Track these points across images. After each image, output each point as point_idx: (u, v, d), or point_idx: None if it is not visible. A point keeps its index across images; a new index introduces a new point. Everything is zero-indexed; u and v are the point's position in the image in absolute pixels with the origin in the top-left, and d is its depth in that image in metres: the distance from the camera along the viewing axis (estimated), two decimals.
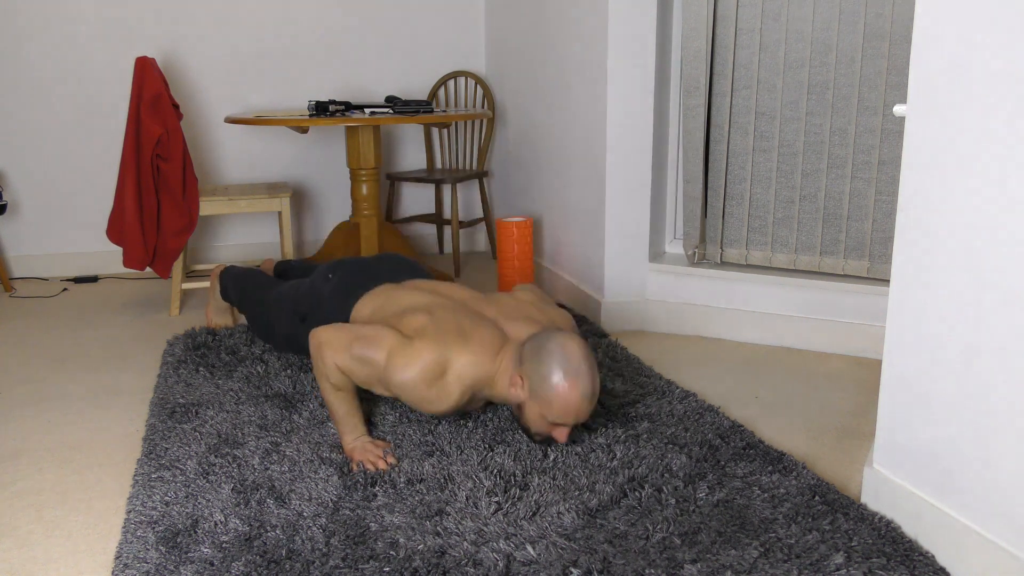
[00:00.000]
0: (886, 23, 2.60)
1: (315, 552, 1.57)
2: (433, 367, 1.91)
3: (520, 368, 1.89)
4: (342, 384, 1.98)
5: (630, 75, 2.87)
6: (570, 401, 1.83)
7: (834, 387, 2.48)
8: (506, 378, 1.92)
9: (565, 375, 1.82)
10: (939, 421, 1.56)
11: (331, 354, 1.96)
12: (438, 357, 1.91)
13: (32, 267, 3.91)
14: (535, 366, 1.85)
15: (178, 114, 3.17)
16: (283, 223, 3.35)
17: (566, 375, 1.82)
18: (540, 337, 1.90)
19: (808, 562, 1.51)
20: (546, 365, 1.83)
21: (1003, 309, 1.40)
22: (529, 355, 1.88)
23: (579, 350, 1.85)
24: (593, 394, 1.86)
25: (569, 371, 1.83)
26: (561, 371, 1.82)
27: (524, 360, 1.89)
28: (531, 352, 1.88)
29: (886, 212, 2.71)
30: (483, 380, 1.95)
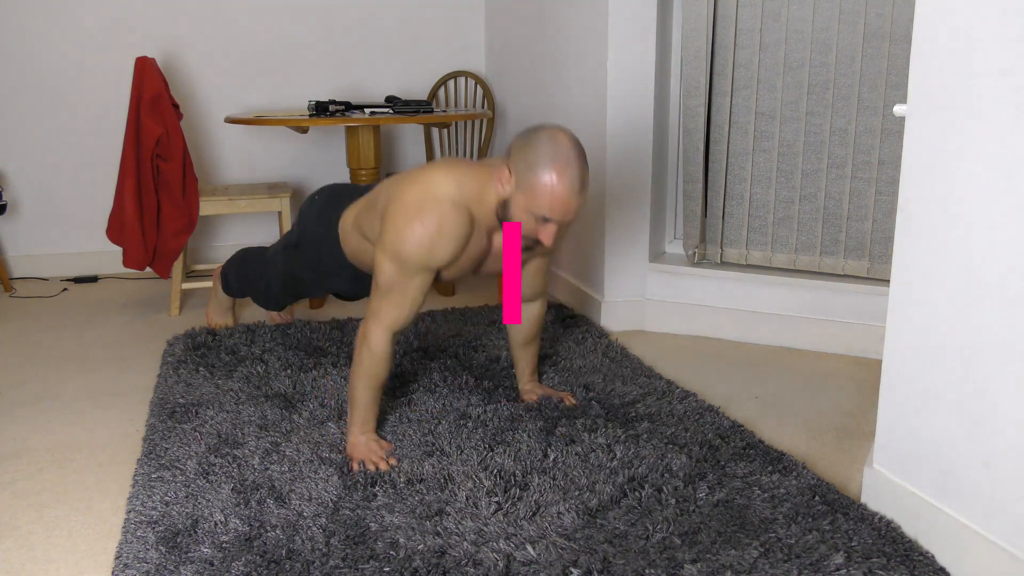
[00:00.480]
0: (886, 23, 2.60)
1: (315, 552, 1.57)
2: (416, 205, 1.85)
3: (507, 160, 1.82)
4: (376, 373, 1.94)
5: (630, 75, 2.87)
6: (558, 191, 1.76)
7: (834, 387, 2.48)
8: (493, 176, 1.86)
9: (553, 163, 1.75)
10: (939, 421, 1.56)
11: (373, 325, 1.92)
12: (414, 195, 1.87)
13: (32, 267, 3.91)
14: (522, 155, 1.78)
15: (178, 114, 3.17)
16: (283, 223, 3.35)
17: (554, 164, 1.75)
18: (529, 129, 1.83)
19: (808, 562, 1.51)
20: (534, 154, 1.76)
21: (1003, 309, 1.40)
22: (517, 146, 1.81)
23: (568, 141, 1.78)
24: (582, 186, 1.79)
25: (558, 160, 1.75)
26: (550, 160, 1.75)
27: (511, 151, 1.82)
28: (519, 143, 1.81)
29: (886, 212, 2.71)
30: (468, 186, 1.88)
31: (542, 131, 1.80)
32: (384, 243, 1.90)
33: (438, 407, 2.23)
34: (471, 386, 2.36)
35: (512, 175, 1.81)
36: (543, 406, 2.20)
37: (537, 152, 1.77)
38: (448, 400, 2.27)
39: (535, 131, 1.82)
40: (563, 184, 1.76)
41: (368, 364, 1.93)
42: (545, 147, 1.77)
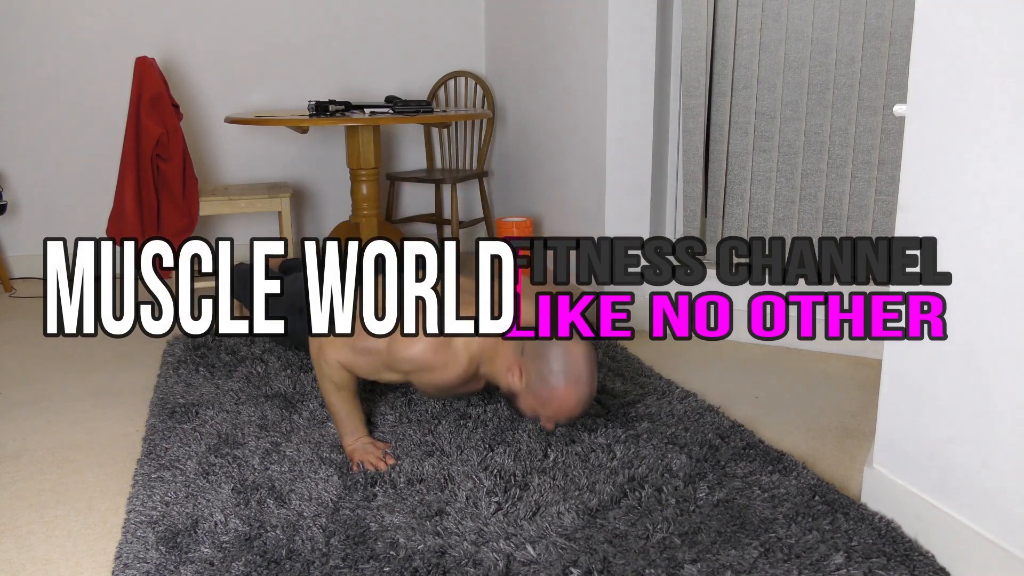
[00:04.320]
0: (886, 23, 2.60)
1: (315, 552, 1.57)
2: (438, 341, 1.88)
3: (521, 359, 1.86)
4: (344, 384, 1.97)
5: (630, 75, 2.87)
6: (565, 406, 1.82)
7: (834, 387, 2.48)
8: (505, 360, 1.89)
9: (566, 380, 1.80)
10: (939, 421, 1.56)
11: (332, 352, 1.95)
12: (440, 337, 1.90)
13: (32, 267, 3.91)
14: (536, 363, 1.83)
15: (178, 114, 3.17)
16: (283, 223, 3.35)
17: (566, 380, 1.80)
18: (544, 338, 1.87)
19: (808, 562, 1.51)
20: (547, 366, 1.81)
21: (1003, 309, 1.40)
22: (531, 348, 1.85)
23: (583, 356, 1.83)
24: (590, 400, 1.85)
25: (570, 377, 1.80)
26: (562, 375, 1.80)
27: (526, 351, 1.85)
28: (534, 346, 1.85)
29: (886, 212, 2.70)
30: (488, 350, 1.91)
31: (557, 344, 1.83)
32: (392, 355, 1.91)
33: (438, 407, 2.23)
34: None
35: (524, 376, 1.84)
36: None
37: (551, 367, 1.80)
38: (448, 400, 2.27)
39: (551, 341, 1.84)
40: (571, 400, 1.82)
41: (332, 375, 1.96)
42: (559, 362, 1.80)
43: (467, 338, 1.90)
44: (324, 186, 4.22)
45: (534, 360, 1.83)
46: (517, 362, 1.86)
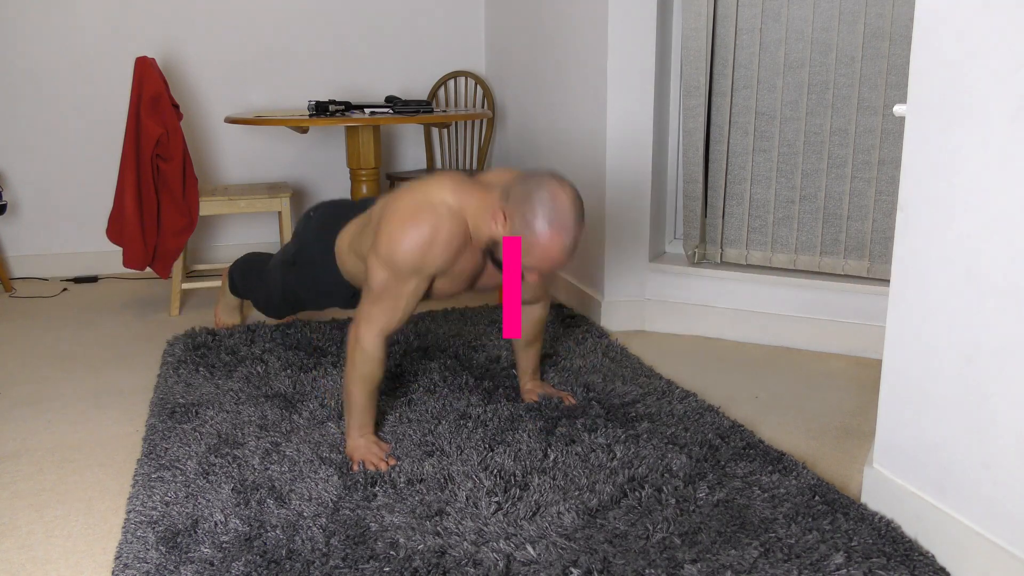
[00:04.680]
0: (886, 23, 2.60)
1: (315, 552, 1.57)
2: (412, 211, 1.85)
3: (505, 204, 1.80)
4: (371, 376, 1.93)
5: (630, 75, 2.87)
6: (550, 251, 1.76)
7: (834, 387, 2.48)
8: (489, 207, 1.84)
9: (551, 225, 1.74)
10: (939, 421, 1.56)
11: (365, 328, 1.91)
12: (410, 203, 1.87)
13: (32, 267, 3.91)
14: (521, 208, 1.76)
15: (178, 114, 3.17)
16: (283, 223, 3.35)
17: (551, 225, 1.74)
18: (533, 179, 1.79)
19: (808, 562, 1.51)
20: (532, 210, 1.75)
21: (1002, 309, 1.40)
22: (517, 195, 1.78)
23: (569, 201, 1.77)
24: (575, 247, 1.79)
25: (555, 222, 1.74)
26: (547, 220, 1.74)
27: (511, 197, 1.79)
28: (520, 193, 1.78)
29: (886, 212, 2.71)
30: (467, 201, 1.87)
31: (544, 186, 1.77)
32: (378, 247, 1.89)
33: (438, 407, 2.23)
34: (471, 386, 2.36)
35: (508, 221, 1.79)
36: (543, 406, 2.20)
37: (535, 209, 1.75)
38: (448, 400, 2.27)
39: (537, 183, 1.78)
40: (556, 246, 1.76)
41: (362, 367, 1.93)
42: (544, 206, 1.75)
43: (440, 196, 1.86)
44: (324, 186, 4.22)
45: (519, 204, 1.77)
46: (501, 207, 1.81)
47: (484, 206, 1.86)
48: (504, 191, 1.83)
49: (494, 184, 1.93)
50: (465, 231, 1.89)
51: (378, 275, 1.90)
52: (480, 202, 1.87)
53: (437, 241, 1.85)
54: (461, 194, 1.88)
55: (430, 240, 1.85)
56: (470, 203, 1.88)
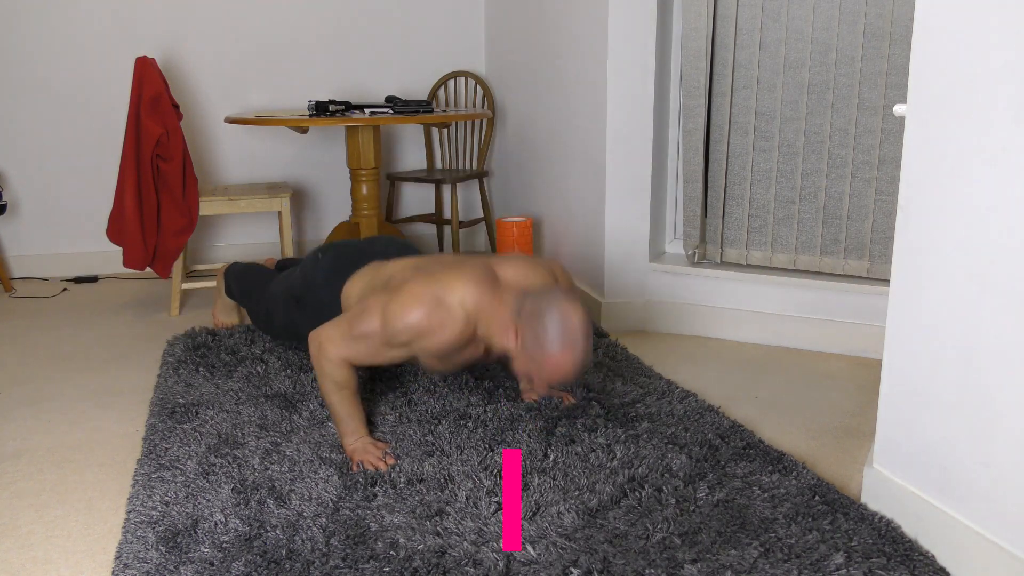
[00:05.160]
0: (886, 23, 2.60)
1: (315, 552, 1.57)
2: (431, 296, 1.89)
3: (518, 320, 1.85)
4: (345, 383, 1.96)
5: (630, 75, 2.87)
6: (560, 369, 1.82)
7: (834, 387, 2.48)
8: (502, 321, 1.89)
9: (561, 344, 1.80)
10: (939, 421, 1.56)
11: (333, 348, 1.94)
12: (433, 286, 1.90)
13: (32, 267, 3.91)
14: (533, 325, 1.82)
15: (178, 114, 3.17)
16: (283, 223, 3.35)
17: (562, 344, 1.80)
18: (544, 297, 1.85)
19: (808, 562, 1.51)
20: (543, 329, 1.81)
21: (1003, 309, 1.40)
22: (529, 312, 1.84)
23: (579, 321, 1.83)
24: (584, 365, 1.85)
25: (566, 342, 1.80)
26: (558, 339, 1.80)
27: (523, 314, 1.85)
28: (531, 310, 1.84)
29: (886, 212, 2.71)
30: (484, 309, 1.91)
31: (555, 307, 1.82)
32: (384, 305, 1.92)
33: (438, 407, 2.23)
34: (471, 386, 2.36)
35: (519, 339, 1.85)
36: (543, 406, 2.20)
37: (547, 331, 1.81)
38: (448, 400, 2.27)
39: (549, 304, 1.83)
40: (566, 364, 1.83)
41: (332, 374, 1.95)
42: (556, 326, 1.81)
43: (460, 296, 1.89)
44: (324, 186, 4.22)
45: (530, 322, 1.83)
46: (513, 323, 1.86)
47: (498, 316, 1.90)
48: (517, 305, 1.88)
49: (511, 286, 1.97)
50: (471, 335, 1.94)
51: (371, 324, 1.92)
52: (495, 310, 1.91)
53: (437, 337, 1.90)
54: (480, 296, 1.92)
55: (430, 332, 1.89)
56: (486, 309, 1.92)
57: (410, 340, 1.91)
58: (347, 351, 1.95)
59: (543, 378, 1.85)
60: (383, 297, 1.94)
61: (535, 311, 1.83)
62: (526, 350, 1.84)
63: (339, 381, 1.96)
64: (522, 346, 1.85)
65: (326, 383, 1.97)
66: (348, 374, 1.97)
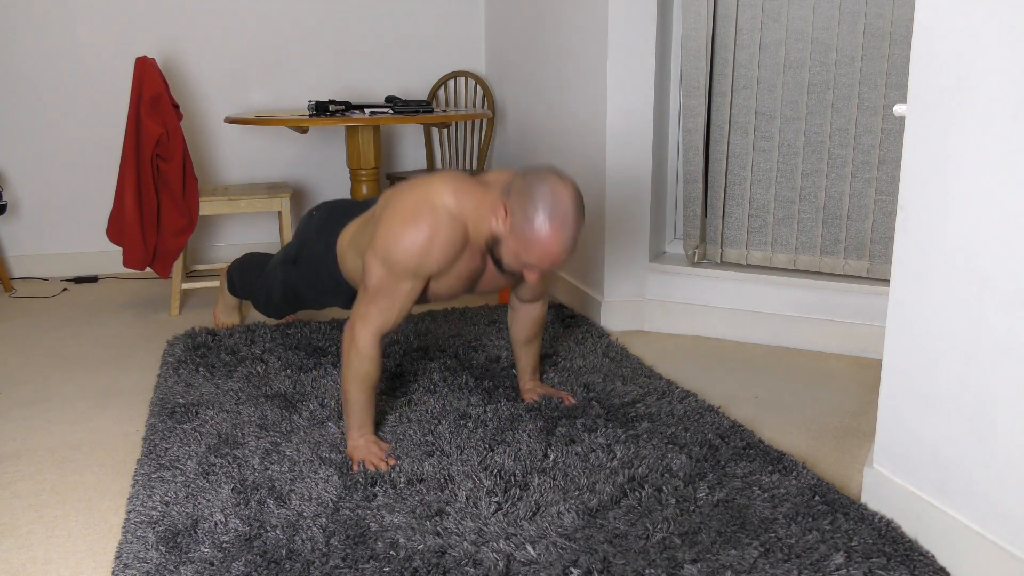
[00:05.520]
0: (886, 23, 2.60)
1: (315, 552, 1.57)
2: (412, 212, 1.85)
3: (506, 199, 1.80)
4: (367, 375, 1.93)
5: (630, 75, 2.87)
6: (549, 249, 1.76)
7: (834, 387, 2.48)
8: (491, 202, 1.84)
9: (551, 221, 1.74)
10: (939, 421, 1.56)
11: (362, 327, 1.91)
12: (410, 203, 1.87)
13: (32, 267, 3.91)
14: (522, 203, 1.76)
15: (178, 114, 3.17)
16: (283, 223, 3.35)
17: (551, 221, 1.74)
18: (534, 175, 1.79)
19: (808, 562, 1.51)
20: (533, 206, 1.75)
21: (1003, 309, 1.40)
22: (518, 190, 1.78)
23: (570, 198, 1.76)
24: (574, 245, 1.79)
25: (556, 218, 1.74)
26: (547, 216, 1.74)
27: (512, 192, 1.79)
28: (521, 188, 1.78)
29: (886, 212, 2.71)
30: (468, 204, 1.86)
31: (545, 181, 1.77)
32: (375, 246, 1.89)
33: (438, 407, 2.23)
34: (471, 386, 2.36)
35: (508, 217, 1.79)
36: (543, 406, 2.20)
37: (536, 205, 1.75)
38: (448, 400, 2.27)
39: (538, 179, 1.78)
40: (556, 242, 1.76)
41: (358, 366, 1.93)
42: (545, 201, 1.75)
43: (441, 200, 1.86)
44: (324, 186, 4.22)
45: (519, 199, 1.77)
46: (502, 202, 1.81)
47: (485, 203, 1.86)
48: (505, 187, 1.83)
49: (494, 183, 1.93)
50: (464, 234, 1.89)
51: (375, 274, 1.90)
52: (480, 201, 1.87)
53: (435, 244, 1.85)
54: (461, 195, 1.88)
55: (427, 242, 1.85)
56: (470, 204, 1.88)
57: (413, 263, 1.86)
58: (374, 318, 1.91)
59: (531, 260, 1.79)
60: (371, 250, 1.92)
61: (525, 187, 1.77)
62: (514, 230, 1.77)
63: (362, 373, 1.93)
64: (511, 225, 1.78)
65: (348, 373, 1.94)
66: (373, 367, 1.94)
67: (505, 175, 1.99)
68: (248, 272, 2.74)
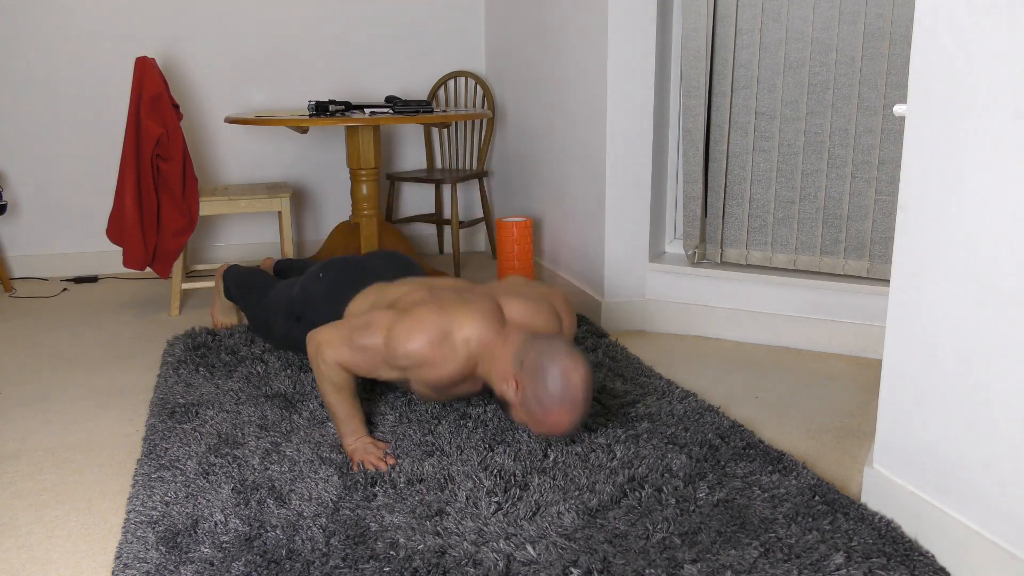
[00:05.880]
0: (886, 23, 2.60)
1: (315, 552, 1.57)
2: (437, 329, 1.88)
3: (519, 372, 1.84)
4: (343, 384, 1.97)
5: (630, 75, 2.87)
6: (558, 426, 1.82)
7: (834, 387, 2.48)
8: (503, 366, 1.88)
9: (560, 404, 1.79)
10: (939, 421, 1.56)
11: (331, 352, 1.95)
12: (442, 319, 1.90)
13: (32, 267, 3.91)
14: (534, 380, 1.81)
15: (178, 114, 3.17)
16: (283, 223, 3.35)
17: (562, 403, 1.79)
18: (547, 352, 1.83)
19: (808, 562, 1.51)
20: (544, 387, 1.80)
21: (1003, 309, 1.40)
22: (531, 365, 1.82)
23: (580, 380, 1.81)
24: (581, 423, 1.85)
25: (566, 400, 1.79)
26: (558, 398, 1.79)
27: (525, 366, 1.83)
28: (533, 363, 1.82)
29: (886, 212, 2.71)
30: (487, 348, 1.90)
31: (557, 364, 1.80)
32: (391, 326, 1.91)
33: (438, 407, 2.23)
34: None
35: (520, 391, 1.84)
36: None
37: (548, 389, 1.79)
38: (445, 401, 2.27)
39: (552, 360, 1.81)
40: (565, 423, 1.82)
41: (330, 375, 1.96)
42: (557, 384, 1.79)
43: (466, 335, 1.90)
44: (324, 186, 4.22)
45: (531, 377, 1.82)
46: (515, 374, 1.85)
47: (500, 359, 1.89)
48: (519, 354, 1.86)
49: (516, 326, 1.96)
50: (471, 372, 1.95)
51: (373, 339, 1.93)
52: (498, 352, 1.90)
53: (437, 368, 1.90)
54: (485, 337, 1.91)
55: (431, 363, 1.89)
56: (489, 350, 1.91)
57: (409, 366, 1.91)
58: (345, 357, 1.95)
59: (539, 431, 1.86)
60: (390, 316, 1.94)
61: (537, 367, 1.81)
62: (525, 404, 1.83)
63: (337, 383, 1.97)
64: (523, 401, 1.84)
65: (324, 384, 1.97)
66: (346, 376, 1.97)
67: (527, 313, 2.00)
68: (246, 292, 2.72)
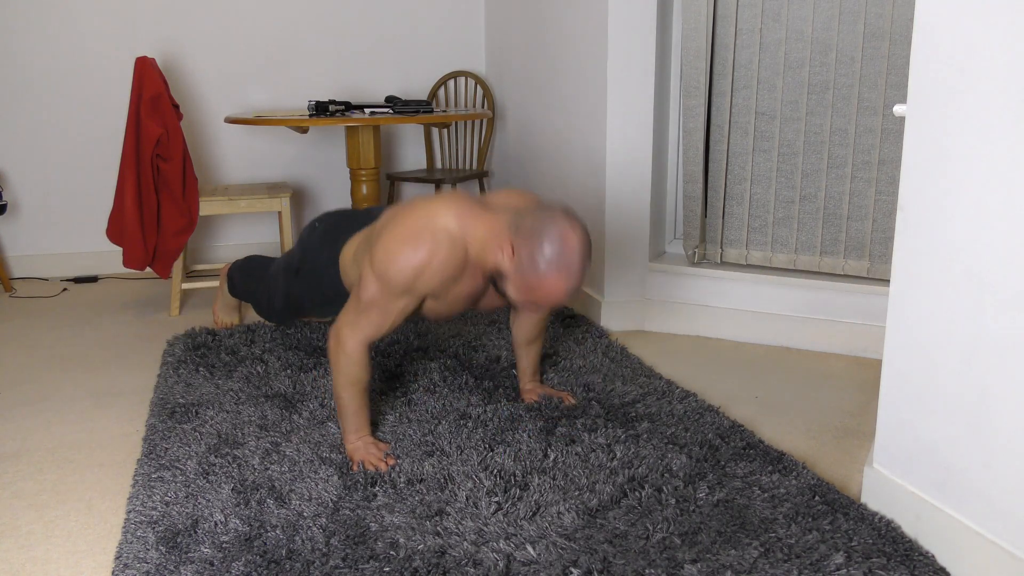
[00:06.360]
0: (886, 23, 2.60)
1: (315, 552, 1.57)
2: (412, 231, 1.84)
3: (515, 236, 1.78)
4: (357, 378, 1.94)
5: (630, 75, 2.87)
6: (553, 294, 1.76)
7: (834, 387, 2.48)
8: (496, 236, 1.82)
9: (557, 268, 1.73)
10: (939, 421, 1.56)
11: (349, 334, 1.91)
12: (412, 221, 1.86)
13: (32, 267, 3.91)
14: (529, 246, 1.75)
15: (178, 114, 3.17)
16: (283, 223, 3.35)
17: (557, 268, 1.73)
18: (546, 216, 1.77)
19: (808, 562, 1.51)
20: (540, 250, 1.73)
21: (1003, 309, 1.40)
22: (527, 230, 1.77)
23: (578, 244, 1.75)
24: (577, 290, 1.78)
25: (562, 266, 1.73)
26: (554, 263, 1.73)
27: (521, 230, 1.78)
28: (530, 229, 1.76)
29: (886, 212, 2.71)
30: (471, 228, 1.85)
31: (554, 224, 1.75)
32: (373, 260, 1.89)
33: (438, 407, 2.23)
34: (471, 386, 2.36)
35: (515, 256, 1.78)
36: (543, 406, 2.20)
37: (544, 250, 1.74)
38: (448, 400, 2.27)
39: (548, 221, 1.76)
40: (561, 289, 1.76)
41: (348, 370, 1.93)
42: (553, 247, 1.73)
43: (443, 220, 1.85)
44: (324, 186, 4.22)
45: (528, 240, 1.76)
46: (509, 239, 1.79)
47: (492, 233, 1.84)
48: (514, 221, 1.81)
49: (503, 208, 1.91)
50: (463, 258, 1.88)
51: (370, 287, 1.90)
52: (487, 228, 1.85)
53: (431, 267, 1.84)
54: (465, 219, 1.87)
55: (424, 263, 1.83)
56: (475, 229, 1.86)
57: (408, 282, 1.85)
58: (363, 328, 1.91)
59: (534, 300, 1.79)
60: (366, 259, 1.92)
61: (534, 229, 1.76)
62: (521, 270, 1.77)
63: (352, 377, 1.93)
64: (517, 265, 1.77)
65: (339, 378, 1.94)
66: (363, 370, 1.94)
67: (514, 199, 1.97)
68: (249, 275, 2.74)
